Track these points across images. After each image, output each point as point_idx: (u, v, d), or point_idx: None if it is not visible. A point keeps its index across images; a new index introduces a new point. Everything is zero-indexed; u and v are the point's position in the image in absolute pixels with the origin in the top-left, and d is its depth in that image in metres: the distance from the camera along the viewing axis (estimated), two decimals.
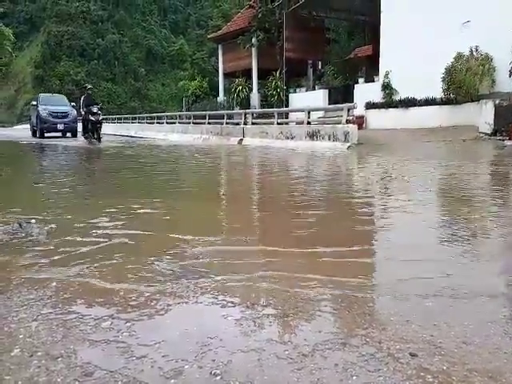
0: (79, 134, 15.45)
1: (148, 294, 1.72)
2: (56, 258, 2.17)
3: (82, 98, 13.89)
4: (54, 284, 1.82)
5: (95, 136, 13.36)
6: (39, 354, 1.29)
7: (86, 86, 14.85)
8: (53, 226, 2.79)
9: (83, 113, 13.62)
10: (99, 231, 2.68)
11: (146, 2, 78.32)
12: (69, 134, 16.94)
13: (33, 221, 2.86)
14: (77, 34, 68.31)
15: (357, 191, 4.58)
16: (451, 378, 1.16)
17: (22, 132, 23.08)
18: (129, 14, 75.30)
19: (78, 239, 2.51)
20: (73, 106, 17.11)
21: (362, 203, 3.75)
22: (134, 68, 71.54)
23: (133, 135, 21.32)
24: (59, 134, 16.71)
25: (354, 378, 1.16)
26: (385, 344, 1.33)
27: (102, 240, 2.49)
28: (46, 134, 16.67)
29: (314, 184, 5.21)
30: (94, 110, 13.29)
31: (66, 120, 16.55)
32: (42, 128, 16.49)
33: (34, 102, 17.17)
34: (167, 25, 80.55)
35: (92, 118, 13.25)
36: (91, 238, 2.53)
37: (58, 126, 16.33)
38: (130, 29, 73.70)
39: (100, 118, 13.58)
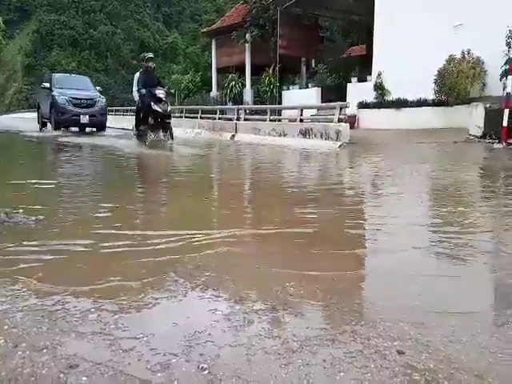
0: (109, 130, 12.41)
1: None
2: None
3: (138, 75, 9.23)
4: None
5: (164, 136, 8.95)
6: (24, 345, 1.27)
7: (144, 57, 9.64)
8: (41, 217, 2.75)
9: (138, 98, 9.16)
10: None
11: None
12: (88, 129, 12.91)
13: (20, 211, 2.82)
14: (68, 24, 67.32)
15: (343, 189, 4.61)
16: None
17: (15, 122, 19.98)
18: (122, 6, 74.44)
19: None
20: (100, 92, 13.34)
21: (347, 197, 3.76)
22: (126, 60, 70.76)
23: (125, 127, 21.15)
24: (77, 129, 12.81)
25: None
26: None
27: None
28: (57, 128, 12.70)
29: (304, 182, 5.23)
30: (160, 93, 8.72)
31: (92, 110, 12.40)
32: (57, 120, 12.30)
33: (46, 84, 12.79)
34: (160, 18, 79.75)
35: (157, 109, 8.68)
36: None
37: (81, 118, 12.19)
38: (123, 20, 72.88)
39: (169, 109, 9.15)
